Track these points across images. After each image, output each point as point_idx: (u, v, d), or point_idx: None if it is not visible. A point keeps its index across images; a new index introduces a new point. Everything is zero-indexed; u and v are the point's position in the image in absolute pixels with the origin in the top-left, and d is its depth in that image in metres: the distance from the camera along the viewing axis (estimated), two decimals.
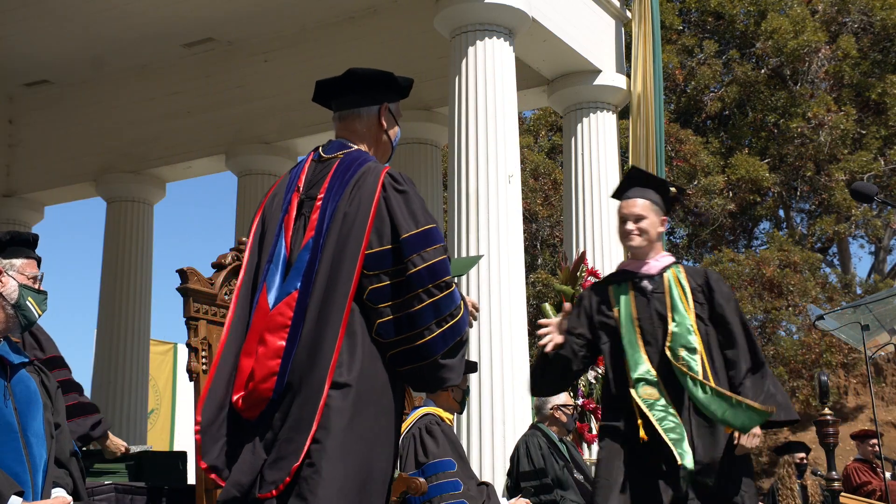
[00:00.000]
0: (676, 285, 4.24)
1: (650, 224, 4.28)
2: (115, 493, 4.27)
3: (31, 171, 12.23)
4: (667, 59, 17.05)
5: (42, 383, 3.46)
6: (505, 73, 8.51)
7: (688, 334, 4.12)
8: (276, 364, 3.01)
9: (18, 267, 3.47)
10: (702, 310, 4.22)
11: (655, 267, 4.30)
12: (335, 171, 3.20)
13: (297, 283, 3.06)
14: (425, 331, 3.02)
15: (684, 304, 4.18)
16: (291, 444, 2.93)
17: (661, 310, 4.19)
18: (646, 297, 4.23)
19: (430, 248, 3.04)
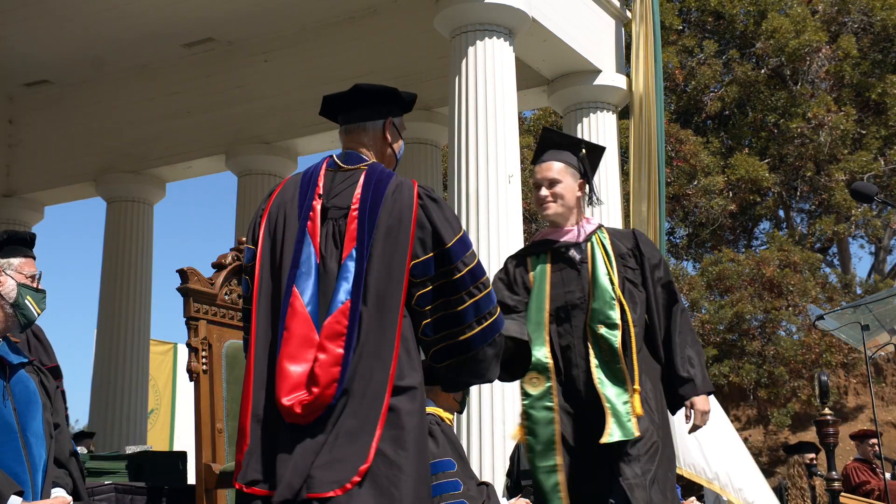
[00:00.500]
0: (601, 252, 3.95)
1: (566, 188, 3.98)
2: (115, 493, 4.28)
3: (31, 171, 12.23)
4: (667, 59, 17.05)
5: (41, 383, 3.46)
6: (505, 73, 8.51)
7: (608, 309, 3.85)
8: (337, 371, 3.10)
9: (16, 266, 3.46)
10: (634, 275, 3.96)
11: (582, 233, 4.01)
12: (365, 182, 3.29)
13: (349, 292, 3.15)
14: (466, 328, 3.23)
15: (609, 272, 3.89)
16: (354, 446, 3.02)
17: (586, 283, 3.91)
18: (576, 269, 3.94)
19: (468, 253, 3.28)
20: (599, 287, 3.85)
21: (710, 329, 17.28)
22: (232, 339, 4.37)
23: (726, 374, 17.10)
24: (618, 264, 3.92)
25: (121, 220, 11.76)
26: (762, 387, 17.13)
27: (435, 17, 8.72)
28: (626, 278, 3.92)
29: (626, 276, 3.93)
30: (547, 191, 3.98)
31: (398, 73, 10.11)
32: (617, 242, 3.98)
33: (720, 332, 17.38)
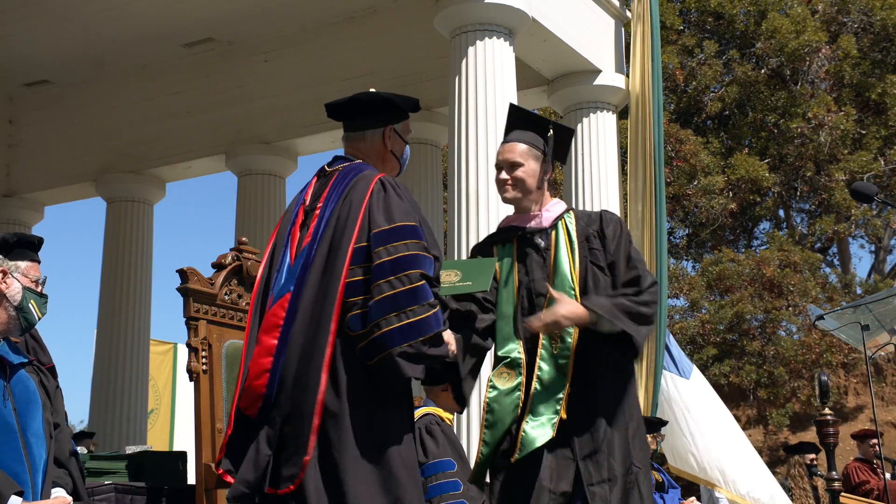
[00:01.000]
0: (565, 238, 3.72)
1: (527, 172, 3.71)
2: (115, 493, 4.27)
3: (31, 171, 12.23)
4: (667, 60, 17.06)
5: (41, 383, 3.47)
6: (505, 73, 8.51)
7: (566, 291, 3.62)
8: (268, 361, 3.12)
9: (23, 269, 3.48)
10: (599, 257, 3.70)
11: (547, 219, 3.76)
12: (334, 181, 3.34)
13: (291, 285, 3.18)
14: (383, 322, 3.05)
15: (569, 259, 3.66)
16: (298, 439, 3.02)
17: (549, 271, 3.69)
18: (541, 257, 3.71)
19: (399, 243, 3.12)
20: (559, 275, 3.65)
21: (710, 329, 17.28)
22: (232, 339, 4.38)
23: (726, 374, 17.10)
24: (581, 248, 3.69)
25: (121, 220, 11.76)
26: (762, 387, 17.13)
27: (435, 17, 8.73)
28: (591, 262, 3.69)
29: (590, 260, 3.69)
30: (507, 174, 3.73)
31: (398, 73, 10.11)
32: (583, 225, 3.75)
33: (720, 332, 17.38)
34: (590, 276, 3.66)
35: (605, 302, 3.54)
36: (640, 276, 3.65)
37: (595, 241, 3.71)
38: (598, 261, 3.68)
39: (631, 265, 3.68)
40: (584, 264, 3.66)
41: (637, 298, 3.59)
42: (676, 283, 17.68)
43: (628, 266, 3.68)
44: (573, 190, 9.91)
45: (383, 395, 3.12)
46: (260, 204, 11.01)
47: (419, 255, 3.14)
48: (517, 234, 3.77)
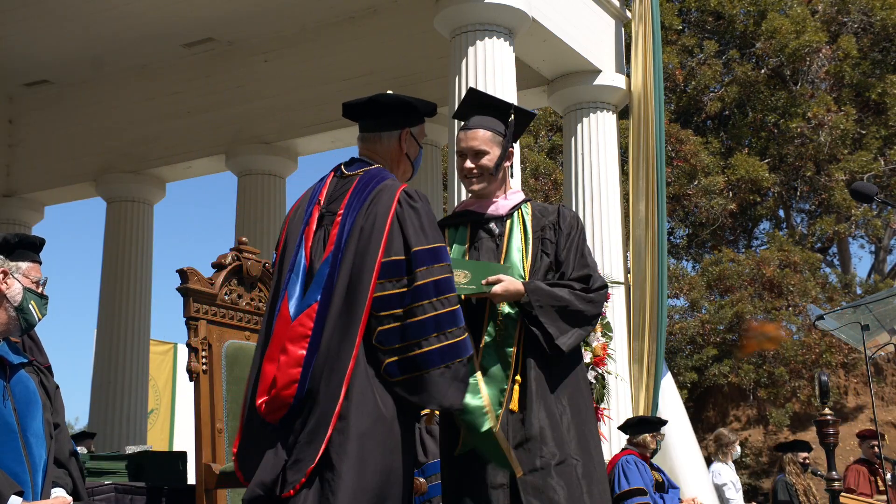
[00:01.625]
0: (519, 228, 3.66)
1: (492, 160, 3.65)
2: (115, 493, 4.28)
3: (31, 171, 12.23)
4: (667, 60, 17.06)
5: (41, 383, 3.47)
6: (505, 73, 8.51)
7: (513, 276, 3.54)
8: (297, 372, 3.14)
9: (24, 270, 3.49)
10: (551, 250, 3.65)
11: (504, 206, 3.69)
12: (355, 187, 3.34)
13: (318, 295, 3.19)
14: (423, 341, 3.10)
15: (522, 249, 3.62)
16: (310, 447, 3.06)
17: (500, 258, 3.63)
18: (494, 243, 3.64)
19: (437, 265, 3.18)
20: (509, 263, 3.59)
21: (710, 329, 17.29)
22: (232, 338, 4.38)
23: (726, 374, 17.11)
24: (535, 239, 3.64)
25: (121, 220, 11.76)
26: (762, 387, 17.14)
27: (435, 17, 8.72)
28: (543, 252, 3.64)
29: (542, 251, 3.64)
30: (472, 163, 3.65)
31: (398, 73, 10.11)
32: (539, 216, 3.69)
33: (720, 332, 17.39)
34: (540, 267, 3.60)
35: (544, 288, 3.49)
36: (591, 275, 3.60)
37: (549, 233, 3.65)
38: (549, 253, 3.63)
39: (582, 262, 3.63)
40: (535, 255, 3.61)
41: (582, 294, 3.54)
42: (676, 283, 17.69)
43: (580, 263, 3.63)
44: (573, 190, 9.90)
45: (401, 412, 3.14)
46: (260, 204, 11.01)
47: (451, 278, 3.22)
48: (472, 219, 3.69)
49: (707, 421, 19.16)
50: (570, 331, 3.48)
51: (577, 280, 3.58)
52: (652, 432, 7.36)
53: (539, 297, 3.46)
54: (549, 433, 3.40)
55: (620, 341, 9.20)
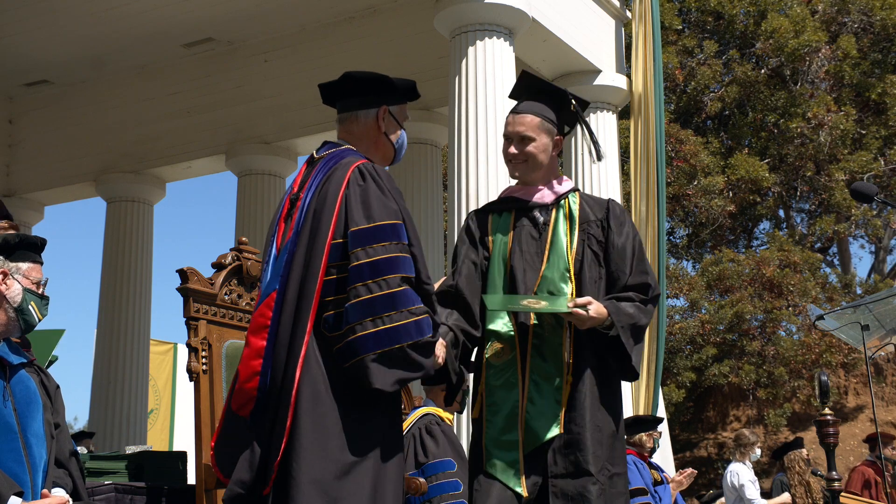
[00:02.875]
0: (565, 219, 3.49)
1: (539, 147, 3.48)
2: (115, 493, 4.27)
3: (31, 171, 12.24)
4: (667, 60, 17.06)
5: (41, 383, 3.47)
6: (505, 73, 8.51)
7: (560, 280, 3.40)
8: (258, 364, 3.09)
9: (24, 271, 3.47)
10: (598, 247, 3.47)
11: (551, 195, 3.53)
12: (317, 169, 3.25)
13: (276, 283, 3.12)
14: (357, 326, 2.96)
15: (567, 240, 3.44)
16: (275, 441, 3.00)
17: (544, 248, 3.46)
18: (537, 231, 3.48)
19: (378, 244, 3.00)
20: (556, 254, 3.42)
21: (710, 329, 17.29)
22: (232, 339, 4.37)
23: (726, 374, 17.10)
24: (581, 231, 3.46)
25: (121, 220, 11.76)
26: (762, 387, 17.14)
27: (435, 17, 8.73)
28: (589, 247, 3.46)
29: (588, 246, 3.46)
30: (516, 149, 3.49)
31: (398, 73, 10.00)
32: (587, 209, 3.51)
33: (720, 332, 17.39)
34: (586, 261, 3.43)
35: (622, 307, 3.37)
36: (650, 285, 3.46)
37: (595, 228, 3.48)
38: (596, 249, 3.45)
39: (641, 268, 3.47)
40: (581, 247, 3.44)
41: (643, 307, 3.42)
42: (676, 283, 17.69)
43: (638, 269, 3.47)
44: None
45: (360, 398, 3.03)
46: (260, 204, 11.01)
47: (399, 258, 3.02)
48: (517, 205, 3.54)
49: (707, 421, 19.16)
50: (636, 349, 3.41)
51: (636, 289, 3.44)
52: (648, 431, 7.36)
53: (620, 318, 3.35)
54: (589, 441, 3.30)
55: None
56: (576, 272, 3.42)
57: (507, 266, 3.44)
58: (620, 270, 3.45)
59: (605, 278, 3.46)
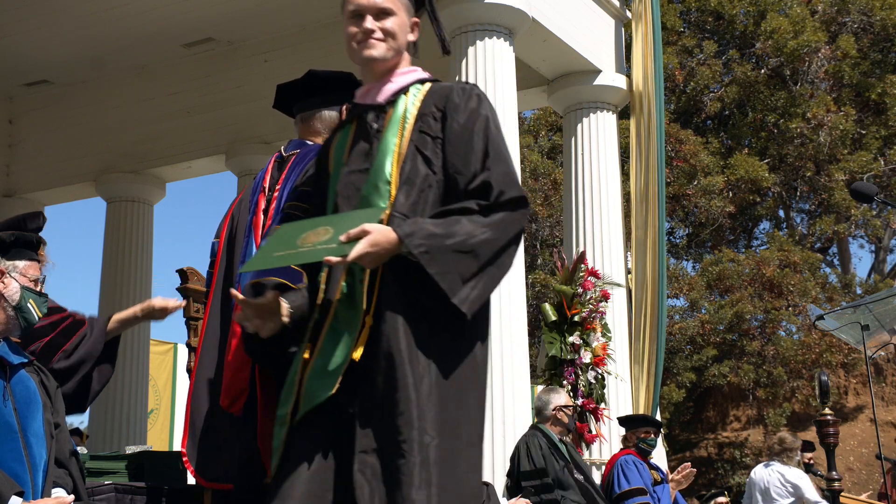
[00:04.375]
0: (400, 118, 2.64)
1: (400, 25, 2.72)
2: (115, 493, 4.27)
3: (31, 171, 12.23)
4: (667, 60, 17.08)
5: (42, 383, 3.47)
6: (505, 73, 8.51)
7: (376, 196, 2.56)
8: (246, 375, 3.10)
9: (21, 269, 3.47)
10: (433, 147, 2.59)
11: (385, 92, 2.69)
12: (291, 164, 3.26)
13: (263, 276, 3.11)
14: None
15: (397, 145, 2.59)
16: None
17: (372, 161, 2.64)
18: (368, 142, 2.67)
19: None
20: (375, 167, 2.59)
21: (710, 329, 17.29)
22: None
23: (726, 374, 17.11)
24: (414, 131, 2.61)
25: (121, 220, 11.76)
26: (761, 387, 17.15)
27: None
28: (420, 150, 2.59)
29: (419, 148, 2.59)
30: (374, 23, 2.67)
31: None
32: (429, 101, 2.66)
33: (720, 332, 17.40)
34: (413, 167, 2.57)
35: (427, 225, 2.45)
36: (491, 184, 2.53)
37: (430, 120, 2.62)
38: (429, 150, 2.58)
39: (488, 165, 2.55)
40: (410, 150, 2.58)
41: (484, 219, 2.48)
42: (676, 283, 17.69)
43: (481, 164, 2.55)
44: (573, 190, 9.91)
45: None
46: None
47: None
48: (357, 113, 2.76)
49: (707, 421, 19.16)
50: (472, 279, 2.45)
51: (475, 194, 2.52)
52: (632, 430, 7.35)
53: (422, 239, 2.42)
54: (400, 398, 2.42)
55: (621, 342, 9.21)
56: (399, 183, 2.55)
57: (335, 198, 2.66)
58: (457, 170, 2.55)
59: (440, 188, 2.57)
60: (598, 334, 7.74)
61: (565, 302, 7.70)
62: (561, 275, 7.98)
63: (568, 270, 7.91)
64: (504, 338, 7.93)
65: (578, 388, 7.50)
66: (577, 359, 7.59)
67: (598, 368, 7.63)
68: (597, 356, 7.66)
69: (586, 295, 7.79)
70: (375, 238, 2.38)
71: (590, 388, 7.57)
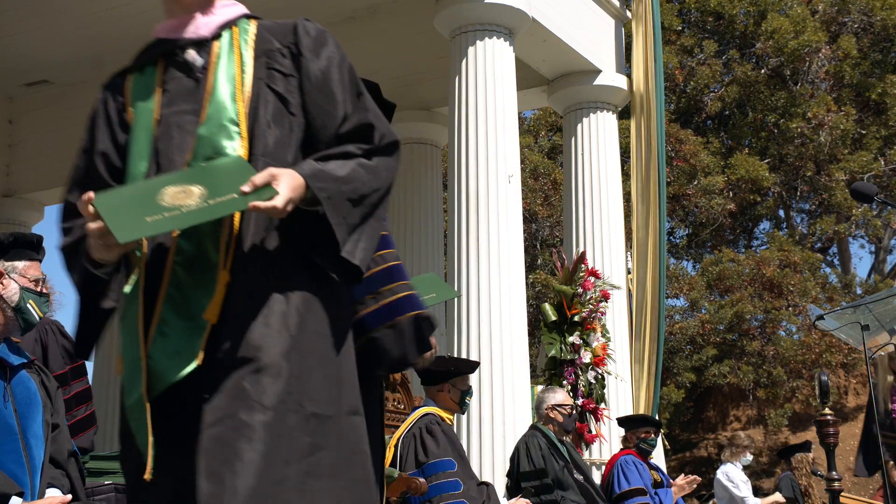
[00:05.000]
0: (233, 53, 2.33)
1: None
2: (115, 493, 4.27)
3: (31, 171, 12.23)
4: (667, 60, 17.08)
5: (42, 383, 3.46)
6: (505, 73, 8.51)
7: (222, 138, 2.23)
8: None
9: (21, 269, 3.46)
10: (286, 86, 2.32)
11: (209, 24, 2.37)
12: None
13: None
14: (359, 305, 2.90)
15: (237, 82, 2.28)
16: None
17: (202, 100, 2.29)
18: (193, 79, 2.33)
19: None
20: (215, 104, 2.27)
21: (710, 329, 17.29)
22: None
23: (726, 374, 17.11)
24: (257, 68, 2.32)
25: None
26: (761, 387, 17.15)
27: (435, 17, 8.73)
28: (271, 88, 2.31)
29: (270, 86, 2.31)
30: None
31: (398, 73, 10.10)
32: (267, 36, 2.39)
33: (720, 332, 17.40)
34: (265, 107, 2.28)
35: (326, 169, 2.19)
36: (373, 125, 2.32)
37: (280, 57, 2.35)
38: (282, 90, 2.31)
39: (358, 105, 2.33)
40: (257, 88, 2.29)
41: (367, 163, 2.26)
42: (676, 283, 17.69)
43: (354, 106, 2.33)
44: (573, 190, 9.91)
45: None
46: None
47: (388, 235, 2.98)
48: (164, 49, 2.40)
49: (707, 421, 19.16)
50: (355, 231, 2.21)
51: (354, 137, 2.30)
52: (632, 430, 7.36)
53: (325, 182, 2.16)
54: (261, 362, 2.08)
55: (621, 342, 9.21)
56: (249, 126, 2.26)
57: (154, 141, 2.28)
58: (326, 113, 2.32)
59: (300, 131, 2.31)
60: (598, 334, 7.75)
61: (565, 302, 7.71)
62: (561, 275, 7.98)
63: (568, 270, 7.92)
64: (504, 338, 7.93)
65: (578, 388, 7.51)
66: (577, 359, 7.60)
67: (598, 368, 7.64)
68: (597, 356, 7.67)
69: (586, 295, 7.79)
70: (290, 182, 2.09)
71: (590, 388, 7.58)
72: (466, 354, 7.73)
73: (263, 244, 2.19)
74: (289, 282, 2.18)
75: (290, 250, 2.21)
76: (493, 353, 7.85)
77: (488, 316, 7.89)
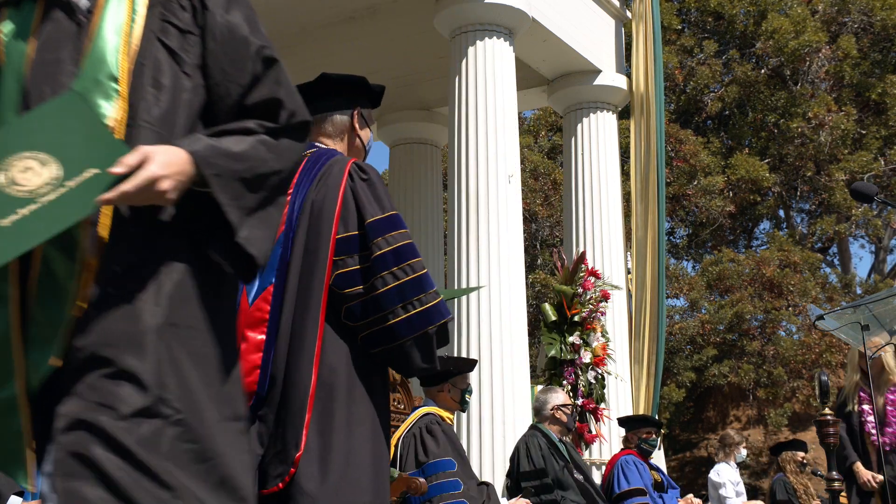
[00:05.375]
0: None
1: None
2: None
3: None
4: (666, 59, 17.08)
5: None
6: (505, 73, 8.51)
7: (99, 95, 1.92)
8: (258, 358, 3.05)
9: None
10: (182, 42, 2.02)
11: None
12: (304, 166, 3.24)
13: (272, 276, 3.11)
14: (390, 314, 3.01)
15: (124, 34, 1.96)
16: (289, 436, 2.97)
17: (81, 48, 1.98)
18: (74, 22, 2.01)
19: (395, 232, 3.06)
20: (95, 56, 1.95)
21: (710, 329, 17.30)
22: None
23: (726, 374, 17.11)
24: (150, 18, 2.00)
25: None
26: (761, 387, 17.15)
27: (435, 17, 8.73)
28: (161, 42, 2.00)
29: (161, 39, 2.00)
30: None
31: (398, 73, 10.10)
32: None
33: (720, 332, 17.40)
34: (154, 64, 1.98)
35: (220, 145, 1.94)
36: (282, 100, 2.07)
37: (175, 7, 2.03)
38: (175, 43, 2.01)
39: (269, 75, 2.06)
40: (147, 41, 1.98)
41: (271, 142, 2.03)
42: (676, 283, 17.69)
43: (263, 74, 2.05)
44: (573, 190, 9.91)
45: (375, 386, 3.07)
46: None
47: (413, 244, 3.10)
48: None
49: (707, 421, 19.17)
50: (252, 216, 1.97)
51: (259, 112, 2.05)
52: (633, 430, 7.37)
53: (215, 159, 1.91)
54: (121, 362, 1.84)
55: (621, 342, 9.21)
56: (132, 86, 1.95)
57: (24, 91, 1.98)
58: (230, 78, 2.03)
59: (197, 96, 2.03)
60: (598, 334, 7.75)
61: (565, 302, 7.71)
62: (561, 275, 7.98)
63: (568, 270, 7.92)
64: (504, 338, 7.93)
65: (578, 388, 7.51)
66: (577, 359, 7.60)
67: (597, 368, 7.64)
68: (597, 356, 7.67)
69: (586, 295, 7.80)
70: (168, 159, 1.83)
71: (590, 389, 7.58)
72: (466, 354, 7.73)
73: (139, 223, 1.92)
74: (164, 269, 1.93)
75: (169, 233, 1.95)
76: (493, 353, 7.86)
77: (488, 316, 7.89)
